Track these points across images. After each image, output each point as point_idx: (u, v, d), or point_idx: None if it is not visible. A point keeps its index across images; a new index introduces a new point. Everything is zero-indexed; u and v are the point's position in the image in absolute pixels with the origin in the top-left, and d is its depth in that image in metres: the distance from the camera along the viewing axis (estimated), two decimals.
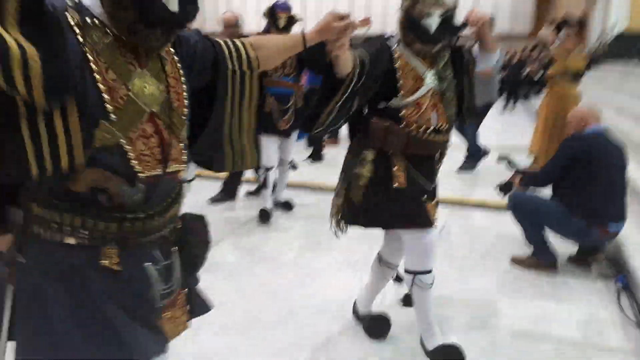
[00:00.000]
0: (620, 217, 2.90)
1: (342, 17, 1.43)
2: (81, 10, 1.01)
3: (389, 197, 2.00)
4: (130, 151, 1.05)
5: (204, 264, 1.33)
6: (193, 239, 1.27)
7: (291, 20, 3.74)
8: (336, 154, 6.21)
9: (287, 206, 4.26)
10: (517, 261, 3.14)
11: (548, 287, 2.90)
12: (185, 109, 1.18)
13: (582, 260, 3.12)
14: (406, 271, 2.14)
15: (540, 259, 3.06)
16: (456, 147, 3.96)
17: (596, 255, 3.10)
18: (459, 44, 2.15)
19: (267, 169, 3.96)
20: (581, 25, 5.01)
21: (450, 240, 3.58)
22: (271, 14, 3.72)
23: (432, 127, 2.00)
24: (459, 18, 1.99)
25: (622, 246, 3.02)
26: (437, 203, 2.17)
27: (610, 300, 2.73)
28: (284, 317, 2.55)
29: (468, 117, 2.20)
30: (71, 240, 1.06)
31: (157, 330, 1.19)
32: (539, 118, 5.05)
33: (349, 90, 1.80)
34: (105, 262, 1.08)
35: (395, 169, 2.01)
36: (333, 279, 3.00)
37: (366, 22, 3.83)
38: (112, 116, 1.01)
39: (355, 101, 1.88)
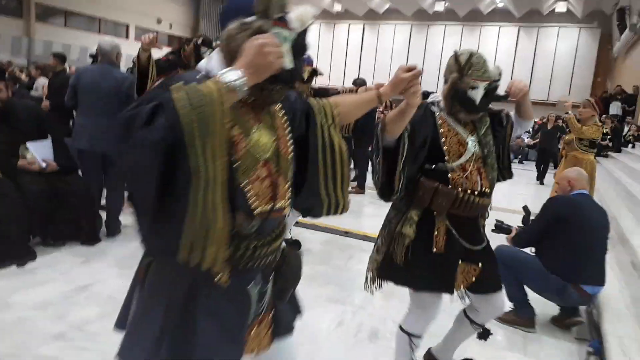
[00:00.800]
0: (597, 280, 2.96)
1: (410, 69, 1.56)
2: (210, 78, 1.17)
3: (427, 260, 2.05)
4: (248, 191, 1.24)
5: (292, 293, 1.50)
6: (288, 271, 1.44)
7: (314, 73, 3.95)
8: (360, 199, 6.50)
9: (295, 245, 4.39)
10: (499, 318, 3.21)
11: (521, 342, 2.98)
12: (291, 154, 1.38)
13: (562, 322, 3.17)
14: (402, 330, 2.23)
15: (520, 315, 3.14)
16: None
17: (576, 318, 3.14)
18: (496, 111, 2.26)
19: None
20: (596, 101, 5.38)
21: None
22: None
23: (478, 190, 2.08)
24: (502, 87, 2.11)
25: (601, 311, 3.06)
26: (479, 268, 2.16)
27: (577, 359, 2.77)
28: None
29: (504, 177, 2.30)
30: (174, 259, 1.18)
31: (241, 347, 1.32)
32: (555, 181, 5.17)
33: (405, 153, 1.96)
34: (221, 279, 1.23)
35: (436, 233, 2.06)
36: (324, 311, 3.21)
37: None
38: (236, 164, 1.21)
39: (414, 161, 2.03)
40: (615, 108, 14.35)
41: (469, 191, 2.06)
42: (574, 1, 18.38)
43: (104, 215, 4.31)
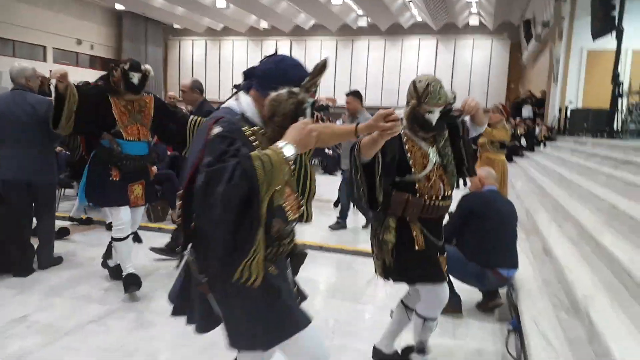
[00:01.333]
0: (511, 263, 3.32)
1: (387, 116, 1.82)
2: (248, 122, 1.61)
3: (412, 258, 2.39)
4: (286, 207, 1.67)
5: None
6: (300, 253, 1.86)
7: None
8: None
9: None
10: None
11: (450, 327, 3.26)
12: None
13: (486, 305, 3.50)
14: (417, 314, 2.58)
15: (448, 303, 3.41)
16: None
17: (496, 301, 3.48)
18: (452, 118, 2.52)
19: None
20: (504, 107, 5.93)
21: (375, 284, 3.97)
22: None
23: (441, 195, 2.41)
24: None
25: (518, 293, 3.41)
26: (445, 257, 2.55)
27: (500, 339, 3.09)
28: None
29: (467, 175, 2.62)
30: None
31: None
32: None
33: (380, 169, 2.27)
34: (271, 270, 1.64)
35: (414, 234, 2.40)
36: None
37: (333, 101, 4.66)
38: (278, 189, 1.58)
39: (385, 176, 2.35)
40: (527, 111, 15.53)
41: (434, 197, 2.39)
42: (486, 14, 19.74)
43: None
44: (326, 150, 12.68)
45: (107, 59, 21.89)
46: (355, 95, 5.79)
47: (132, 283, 3.54)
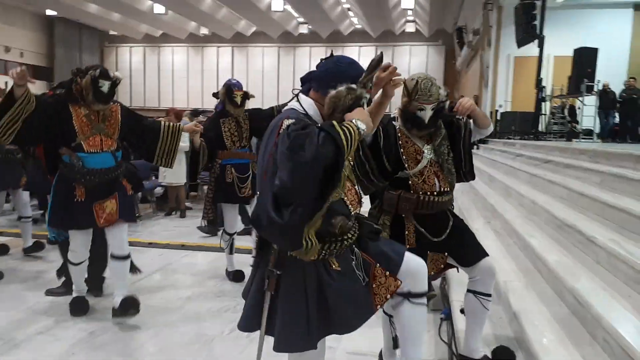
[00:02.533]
0: None
1: (385, 68, 1.85)
2: (311, 120, 1.67)
3: None
4: (347, 200, 1.75)
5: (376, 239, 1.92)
6: (365, 225, 1.87)
7: (246, 97, 4.12)
8: None
9: (237, 276, 4.27)
10: None
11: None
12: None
13: None
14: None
15: None
16: None
17: (431, 292, 3.76)
18: (453, 119, 2.54)
19: (230, 235, 4.28)
20: None
21: None
22: (228, 92, 4.05)
23: (436, 191, 2.41)
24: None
25: (449, 284, 3.72)
26: (445, 256, 2.51)
27: (434, 327, 3.36)
28: None
29: (467, 179, 2.63)
30: (313, 257, 1.66)
31: (364, 302, 1.78)
32: None
33: (382, 144, 2.37)
34: (334, 267, 1.70)
35: (407, 232, 2.42)
36: None
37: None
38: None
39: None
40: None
41: (428, 193, 2.41)
42: (421, 22, 20.59)
43: None
44: None
45: (38, 66, 20.97)
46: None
47: (77, 308, 3.43)
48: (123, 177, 3.39)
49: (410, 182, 2.42)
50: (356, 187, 1.84)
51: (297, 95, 1.79)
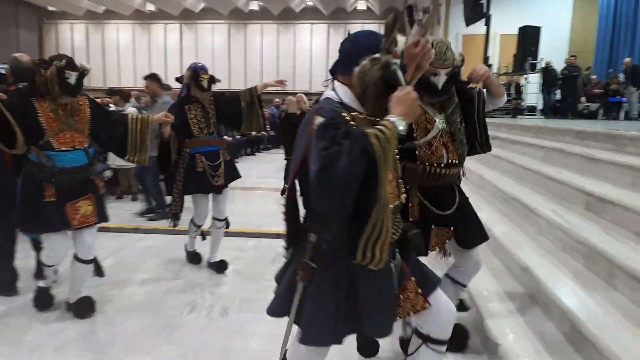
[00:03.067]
0: None
1: (416, 44, 1.61)
2: (347, 108, 1.55)
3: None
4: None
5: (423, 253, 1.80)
6: (413, 235, 1.70)
7: (212, 80, 3.86)
8: None
9: (221, 266, 4.08)
10: None
11: None
12: None
13: None
14: None
15: None
16: None
17: None
18: (466, 88, 2.39)
19: (199, 226, 4.12)
20: None
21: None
22: (194, 76, 3.77)
23: (443, 163, 2.27)
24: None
25: None
26: (451, 231, 2.42)
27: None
28: None
29: (483, 150, 2.49)
30: (344, 253, 1.55)
31: (394, 309, 1.67)
32: None
33: None
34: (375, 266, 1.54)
35: (410, 205, 2.28)
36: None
37: (282, 83, 4.15)
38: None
39: None
40: None
41: (435, 165, 2.28)
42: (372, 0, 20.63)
43: None
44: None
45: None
46: (152, 78, 5.75)
47: (40, 301, 3.26)
48: (95, 174, 3.21)
49: (417, 152, 2.30)
50: (399, 179, 1.71)
51: (332, 83, 1.68)
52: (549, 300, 2.43)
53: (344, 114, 1.51)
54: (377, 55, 1.52)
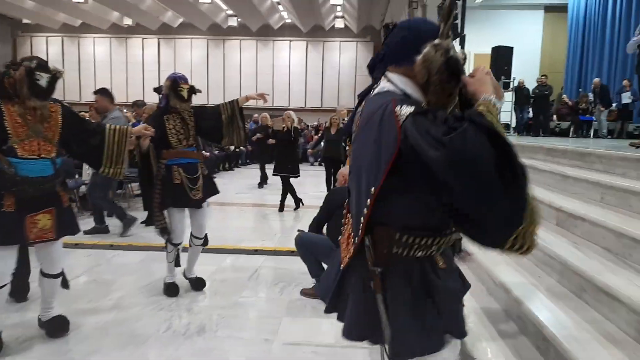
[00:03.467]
0: None
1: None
2: (411, 99, 1.44)
3: None
4: None
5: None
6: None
7: (192, 91, 3.76)
8: None
9: (199, 284, 4.01)
10: (304, 292, 3.84)
11: (323, 308, 3.61)
12: None
13: None
14: None
15: (316, 289, 3.79)
16: None
17: None
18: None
19: (176, 245, 3.84)
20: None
21: (255, 278, 4.22)
22: (174, 86, 3.67)
23: None
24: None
25: None
26: None
27: None
28: None
29: None
30: (420, 254, 1.45)
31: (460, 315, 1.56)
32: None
33: None
34: (440, 264, 1.48)
35: None
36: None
37: (263, 96, 4.00)
38: None
39: None
40: None
41: None
42: (350, 18, 20.94)
43: None
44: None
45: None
46: (103, 93, 5.70)
47: None
48: (60, 186, 2.99)
49: None
50: None
51: (384, 77, 1.55)
52: (521, 314, 2.49)
53: (429, 109, 1.39)
54: (437, 41, 1.42)
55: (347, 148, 5.81)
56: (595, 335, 2.17)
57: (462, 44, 11.83)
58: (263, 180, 10.39)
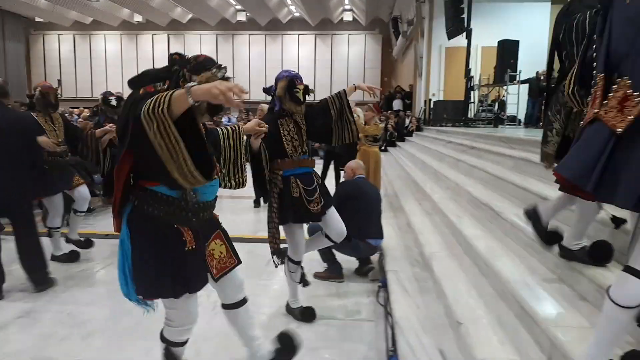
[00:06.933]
0: (377, 234, 4.12)
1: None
2: None
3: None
4: None
5: None
6: None
7: (307, 91, 3.26)
8: None
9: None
10: (317, 275, 4.19)
11: (335, 290, 3.97)
12: None
13: (361, 270, 4.27)
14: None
15: (332, 272, 4.14)
16: None
17: (370, 266, 4.26)
18: None
19: (298, 263, 3.43)
20: (375, 106, 6.94)
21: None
22: (290, 87, 3.18)
23: None
24: None
25: (385, 257, 4.23)
26: None
27: (373, 293, 3.85)
28: None
29: None
30: None
31: None
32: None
33: None
34: None
35: None
36: None
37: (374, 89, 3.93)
38: None
39: None
40: (397, 104, 17.12)
41: None
42: (358, 11, 21.15)
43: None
44: None
45: None
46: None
47: None
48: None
49: None
50: None
51: None
52: (507, 291, 2.81)
53: None
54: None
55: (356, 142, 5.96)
56: (572, 311, 2.47)
57: (468, 37, 12.04)
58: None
